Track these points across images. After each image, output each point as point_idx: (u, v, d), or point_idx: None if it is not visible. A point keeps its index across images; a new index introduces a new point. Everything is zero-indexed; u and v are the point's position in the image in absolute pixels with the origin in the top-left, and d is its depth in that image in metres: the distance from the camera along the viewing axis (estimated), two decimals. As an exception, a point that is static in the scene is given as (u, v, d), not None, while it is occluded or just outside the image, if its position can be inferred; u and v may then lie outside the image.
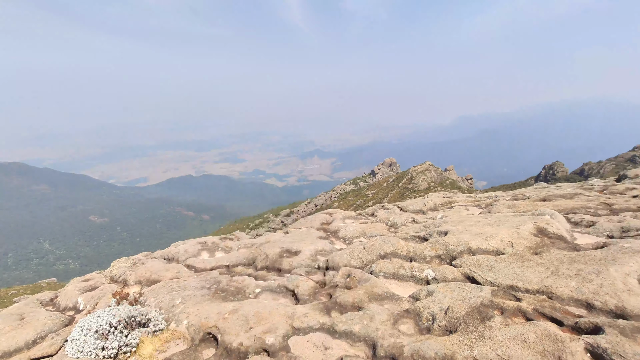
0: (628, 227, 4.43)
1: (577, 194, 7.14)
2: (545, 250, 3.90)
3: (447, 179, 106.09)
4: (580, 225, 5.02)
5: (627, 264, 3.18)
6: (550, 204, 6.49)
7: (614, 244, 3.65)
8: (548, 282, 3.21)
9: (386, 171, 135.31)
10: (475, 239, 4.42)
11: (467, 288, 3.28)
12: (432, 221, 6.24)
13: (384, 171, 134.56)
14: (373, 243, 4.95)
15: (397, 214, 7.97)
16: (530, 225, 4.55)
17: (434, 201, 9.15)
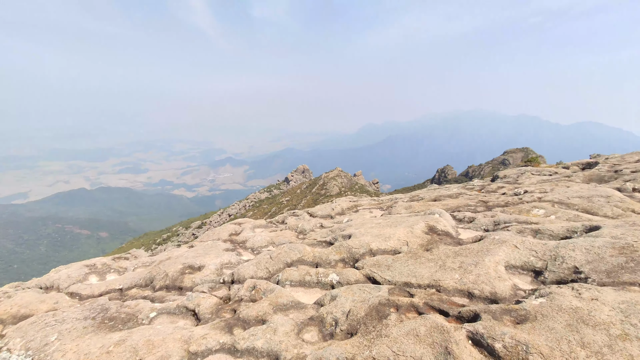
0: (498, 220, 5.11)
1: (461, 194, 8.07)
2: (434, 247, 4.26)
3: (356, 183, 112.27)
4: (463, 221, 5.64)
5: (497, 253, 3.63)
6: (440, 204, 7.21)
7: (488, 236, 4.15)
8: (437, 276, 3.48)
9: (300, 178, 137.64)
10: (375, 240, 4.63)
11: (368, 289, 3.39)
12: (338, 225, 6.41)
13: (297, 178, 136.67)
14: (280, 252, 4.86)
15: (306, 220, 8.03)
16: (422, 224, 4.95)
17: (341, 206, 9.47)
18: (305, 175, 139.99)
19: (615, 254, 3.17)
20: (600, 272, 2.99)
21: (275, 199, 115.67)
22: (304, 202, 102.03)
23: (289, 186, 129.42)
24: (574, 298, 2.59)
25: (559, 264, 3.30)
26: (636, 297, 2.48)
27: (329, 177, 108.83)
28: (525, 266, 3.51)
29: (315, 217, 9.05)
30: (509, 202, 6.32)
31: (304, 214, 9.39)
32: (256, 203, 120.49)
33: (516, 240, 3.82)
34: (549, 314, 2.44)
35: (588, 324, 2.27)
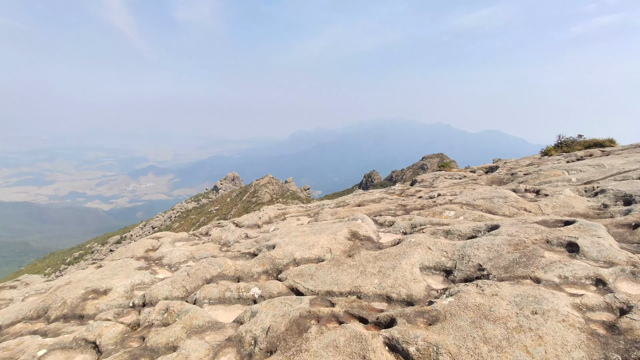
0: (415, 223, 5.40)
1: (383, 198, 8.44)
2: (356, 252, 4.33)
3: (288, 190, 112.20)
4: (384, 225, 5.86)
5: (413, 256, 3.79)
6: (363, 209, 7.43)
7: (405, 239, 4.34)
8: (357, 282, 3.51)
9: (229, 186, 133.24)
10: (299, 249, 4.56)
11: (289, 301, 3.28)
12: (263, 235, 6.23)
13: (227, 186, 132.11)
14: (198, 267, 4.53)
15: (231, 230, 7.69)
16: (345, 230, 5.01)
17: (268, 214, 9.27)
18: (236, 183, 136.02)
19: (511, 251, 3.50)
20: (499, 268, 3.27)
21: (203, 208, 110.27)
22: (235, 211, 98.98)
23: (219, 195, 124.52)
24: (477, 295, 2.77)
25: (465, 263, 3.54)
26: (528, 290, 2.73)
27: (260, 185, 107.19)
28: (438, 266, 3.71)
29: (242, 227, 8.72)
30: (425, 205, 6.75)
31: (230, 224, 9.00)
32: (183, 213, 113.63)
33: (429, 242, 4.04)
34: (457, 312, 2.58)
35: (489, 319, 2.44)
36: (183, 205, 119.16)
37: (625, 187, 5.67)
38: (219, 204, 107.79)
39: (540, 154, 15.08)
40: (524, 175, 9.63)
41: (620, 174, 7.53)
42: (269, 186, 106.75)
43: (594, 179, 7.68)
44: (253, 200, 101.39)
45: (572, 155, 11.64)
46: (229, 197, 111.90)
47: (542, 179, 8.43)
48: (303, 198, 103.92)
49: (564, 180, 7.97)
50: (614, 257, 3.22)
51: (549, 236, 3.69)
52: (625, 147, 11.89)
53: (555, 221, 4.27)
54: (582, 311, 2.54)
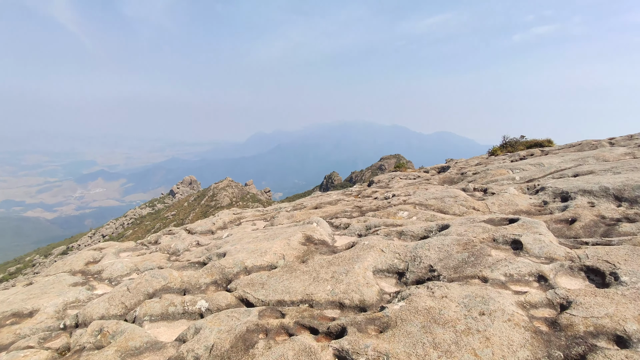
0: (370, 225, 5.39)
1: (340, 200, 8.41)
2: (310, 257, 4.20)
3: (248, 193, 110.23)
4: (340, 227, 5.80)
5: (366, 259, 3.73)
6: (320, 211, 7.34)
7: (359, 242, 4.28)
8: (310, 289, 3.38)
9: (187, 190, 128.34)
10: (251, 256, 4.35)
11: (237, 314, 3.08)
12: (215, 242, 5.93)
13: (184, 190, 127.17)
14: (140, 281, 4.18)
15: (182, 238, 7.27)
16: (299, 235, 4.87)
17: (223, 219, 8.92)
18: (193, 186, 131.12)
19: (460, 250, 3.55)
20: (449, 269, 3.29)
21: (159, 214, 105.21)
22: (192, 216, 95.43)
23: (175, 199, 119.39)
24: (428, 297, 2.75)
25: (417, 264, 3.54)
26: (476, 290, 2.75)
27: (219, 188, 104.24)
28: (391, 269, 3.68)
29: (195, 233, 8.31)
30: (380, 206, 6.78)
31: (181, 231, 8.54)
32: (137, 220, 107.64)
33: (382, 245, 4.00)
34: (407, 317, 2.52)
35: (439, 323, 2.40)
36: (137, 211, 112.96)
37: (562, 185, 6.04)
38: (176, 209, 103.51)
39: (488, 154, 15.90)
40: (472, 174, 10.05)
41: (557, 172, 8.06)
42: (229, 189, 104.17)
43: (535, 177, 8.15)
44: (212, 204, 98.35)
45: (516, 155, 12.36)
46: (186, 201, 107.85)
47: (489, 178, 8.83)
48: (264, 201, 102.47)
49: (509, 178, 8.40)
50: (554, 253, 3.35)
51: (495, 234, 3.79)
52: (562, 146, 12.85)
53: (500, 219, 4.42)
54: (526, 309, 2.59)
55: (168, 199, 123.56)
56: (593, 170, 7.44)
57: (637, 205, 4.89)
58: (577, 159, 8.76)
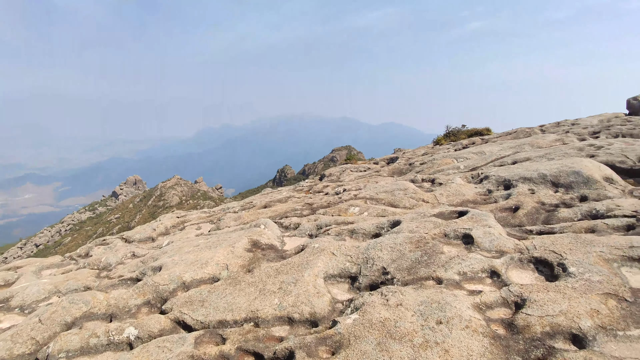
0: (321, 224, 5.14)
1: (290, 197, 8.09)
2: (257, 266, 3.85)
3: (199, 190, 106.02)
4: (290, 228, 5.49)
5: (316, 264, 3.47)
6: (269, 210, 6.98)
7: (309, 245, 4.01)
8: (255, 304, 3.05)
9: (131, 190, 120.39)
10: (190, 269, 3.91)
11: (169, 344, 2.66)
12: (152, 253, 5.34)
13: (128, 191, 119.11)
14: (55, 309, 3.56)
15: (116, 249, 6.53)
16: (245, 240, 4.49)
17: (164, 224, 8.22)
18: (138, 186, 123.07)
19: (413, 249, 3.40)
20: (403, 270, 3.13)
21: (101, 218, 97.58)
22: (139, 217, 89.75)
23: (119, 201, 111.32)
24: (382, 307, 2.54)
25: (370, 267, 3.34)
26: (431, 295, 2.59)
27: (167, 187, 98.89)
28: (343, 273, 3.45)
29: (132, 242, 7.55)
30: (331, 202, 6.57)
31: (117, 240, 7.72)
32: (76, 226, 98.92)
33: (333, 247, 3.76)
34: (361, 333, 2.29)
35: (395, 338, 2.20)
36: (75, 217, 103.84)
37: (504, 173, 6.23)
38: (120, 212, 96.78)
39: (433, 144, 16.43)
40: (420, 164, 10.23)
41: (498, 160, 8.39)
42: (177, 188, 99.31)
43: (478, 165, 8.43)
44: (160, 205, 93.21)
45: (459, 144, 12.84)
46: (131, 202, 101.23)
47: (436, 168, 9.00)
48: (215, 198, 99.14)
49: (454, 167, 8.60)
50: (503, 245, 3.31)
51: (446, 229, 3.71)
52: (499, 134, 13.56)
53: (450, 212, 4.38)
54: (482, 310, 2.47)
55: (110, 201, 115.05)
56: (529, 157, 7.83)
57: (572, 190, 5.13)
58: (515, 146, 9.21)
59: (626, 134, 9.55)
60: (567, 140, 9.06)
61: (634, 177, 5.99)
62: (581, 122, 12.18)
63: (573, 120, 13.07)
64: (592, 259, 2.84)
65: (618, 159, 6.39)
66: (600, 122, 11.83)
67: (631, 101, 13.95)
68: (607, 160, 6.44)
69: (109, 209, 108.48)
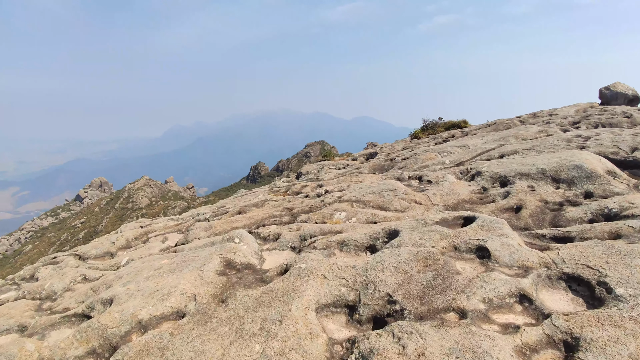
0: (304, 234, 4.50)
1: (266, 201, 7.39)
2: (232, 294, 3.17)
3: (169, 191, 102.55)
4: (269, 240, 4.82)
5: (306, 292, 2.84)
6: (245, 218, 6.26)
7: (294, 265, 3.36)
8: (231, 353, 2.38)
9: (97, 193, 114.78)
10: (148, 302, 3.17)
11: None
12: (105, 277, 4.51)
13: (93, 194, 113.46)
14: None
15: (64, 271, 5.61)
16: (216, 260, 3.78)
17: (126, 235, 7.32)
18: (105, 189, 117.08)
19: (421, 268, 2.84)
20: (413, 299, 2.55)
21: (64, 223, 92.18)
22: (107, 221, 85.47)
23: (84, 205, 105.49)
24: (399, 358, 1.94)
25: (371, 293, 2.74)
26: (460, 338, 2.02)
27: (135, 188, 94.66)
28: (338, 302, 2.84)
29: (87, 258, 6.63)
30: (313, 207, 5.94)
31: (69, 257, 6.76)
32: (37, 232, 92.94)
33: (324, 268, 3.14)
34: (378, 405, 1.69)
35: (425, 412, 1.61)
36: (36, 223, 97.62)
37: (498, 168, 5.82)
38: (85, 216, 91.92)
39: (410, 137, 16.11)
40: (402, 160, 9.78)
41: (484, 154, 8.04)
42: (147, 189, 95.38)
43: (464, 160, 8.04)
44: (128, 207, 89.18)
45: (438, 137, 12.52)
46: (97, 206, 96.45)
47: (420, 164, 8.56)
48: (187, 198, 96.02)
49: (439, 163, 8.19)
50: (526, 259, 2.81)
51: (456, 241, 3.17)
52: (478, 126, 13.36)
53: (454, 218, 3.85)
54: (527, 357, 1.93)
55: (75, 205, 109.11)
56: (517, 149, 7.50)
57: (575, 186, 4.75)
58: (499, 138, 8.91)
59: (605, 123, 9.47)
60: (551, 131, 8.86)
61: (629, 168, 5.72)
62: (559, 112, 12.15)
63: (549, 111, 13.06)
64: (639, 275, 2.37)
65: (610, 150, 6.12)
66: (577, 112, 11.82)
67: (603, 91, 14.15)
68: (600, 151, 6.17)
69: (73, 214, 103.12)
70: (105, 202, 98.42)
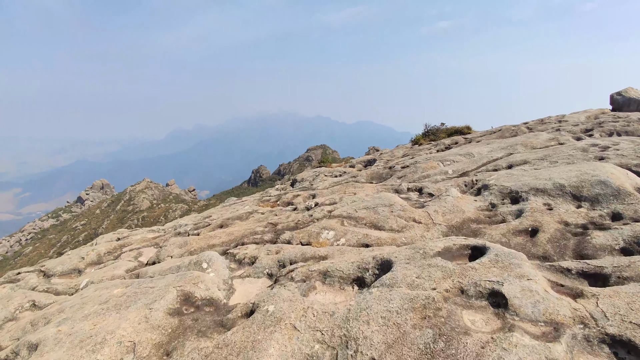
0: (284, 259, 3.85)
1: (252, 213, 6.75)
2: (179, 345, 2.52)
3: (170, 193, 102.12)
4: (244, 264, 4.17)
5: (267, 351, 2.18)
6: (224, 233, 5.61)
7: (261, 306, 2.71)
8: None
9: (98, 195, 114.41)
10: (74, 354, 2.51)
11: None
12: (48, 309, 3.86)
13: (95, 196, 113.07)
14: None
15: (15, 294, 4.96)
16: (172, 295, 3.13)
17: (98, 250, 6.68)
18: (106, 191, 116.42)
19: (418, 322, 2.18)
20: (406, 371, 1.89)
21: (65, 225, 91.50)
22: (107, 223, 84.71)
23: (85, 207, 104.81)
24: None
25: (352, 356, 2.08)
26: None
27: (137, 191, 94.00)
28: (309, 364, 2.18)
29: (52, 276, 6.00)
30: (300, 223, 5.29)
31: (31, 275, 6.13)
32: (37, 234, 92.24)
33: (296, 313, 2.49)
34: None
35: None
36: (37, 224, 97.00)
37: (508, 182, 5.16)
38: (86, 218, 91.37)
39: (411, 143, 15.46)
40: (402, 168, 9.13)
41: (490, 163, 7.38)
42: (148, 191, 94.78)
43: (468, 170, 7.39)
44: (129, 209, 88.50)
45: (441, 144, 11.86)
46: (98, 208, 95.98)
47: (421, 173, 7.91)
48: (188, 200, 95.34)
49: (442, 172, 7.54)
50: (555, 312, 2.15)
51: (463, 281, 2.51)
52: (483, 133, 12.68)
53: (460, 247, 3.19)
54: None
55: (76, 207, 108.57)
56: (527, 159, 6.85)
57: (599, 205, 4.09)
58: (506, 147, 8.24)
59: (621, 131, 8.81)
60: (563, 140, 8.19)
61: (656, 183, 5.06)
62: (568, 119, 11.48)
63: (558, 117, 12.39)
64: None
65: (634, 162, 5.46)
66: (588, 118, 11.16)
67: (615, 96, 13.49)
68: (621, 163, 5.50)
69: (74, 216, 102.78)
70: (106, 204, 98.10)
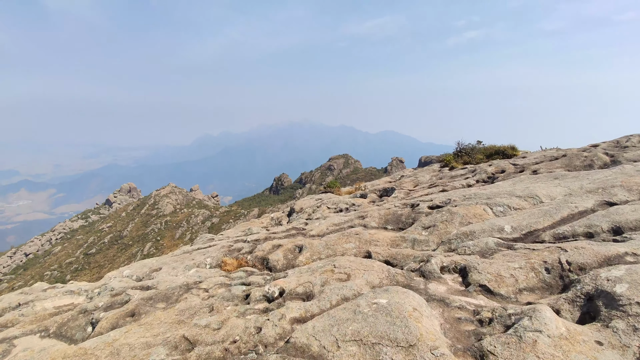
0: None
1: (195, 287, 4.29)
2: None
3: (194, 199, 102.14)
4: None
5: None
6: (115, 345, 3.19)
7: None
8: None
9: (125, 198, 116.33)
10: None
11: None
12: None
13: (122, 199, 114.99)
14: None
15: None
16: None
17: None
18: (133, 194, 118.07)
19: None
20: None
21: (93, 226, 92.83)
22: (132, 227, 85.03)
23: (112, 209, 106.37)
24: None
25: None
26: None
27: (161, 195, 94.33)
28: None
29: None
30: (235, 347, 2.79)
31: None
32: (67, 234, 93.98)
33: None
34: None
35: None
36: (67, 225, 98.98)
37: None
38: (112, 220, 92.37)
39: (440, 166, 12.70)
40: (428, 209, 6.48)
41: (576, 220, 4.63)
42: (172, 196, 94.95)
43: (538, 228, 4.67)
44: (153, 213, 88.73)
45: (481, 171, 9.06)
46: (124, 211, 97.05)
47: (459, 226, 5.25)
48: (211, 206, 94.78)
49: (492, 228, 4.86)
50: None
51: None
52: (537, 157, 9.71)
53: None
54: None
55: (104, 209, 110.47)
56: (642, 217, 4.07)
57: None
58: (594, 188, 5.43)
59: None
60: (683, 179, 5.32)
61: None
62: (660, 141, 8.49)
63: (641, 138, 9.34)
64: None
65: None
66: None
67: None
68: None
69: (101, 217, 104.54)
70: (132, 207, 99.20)
